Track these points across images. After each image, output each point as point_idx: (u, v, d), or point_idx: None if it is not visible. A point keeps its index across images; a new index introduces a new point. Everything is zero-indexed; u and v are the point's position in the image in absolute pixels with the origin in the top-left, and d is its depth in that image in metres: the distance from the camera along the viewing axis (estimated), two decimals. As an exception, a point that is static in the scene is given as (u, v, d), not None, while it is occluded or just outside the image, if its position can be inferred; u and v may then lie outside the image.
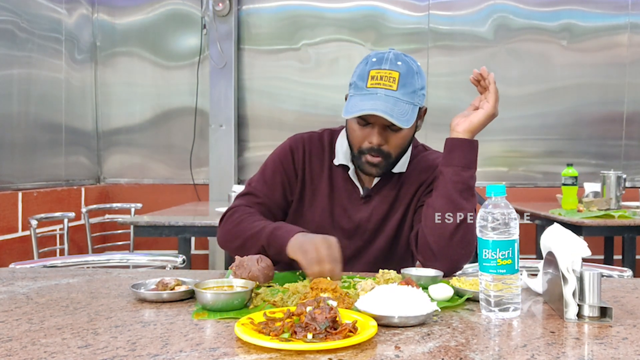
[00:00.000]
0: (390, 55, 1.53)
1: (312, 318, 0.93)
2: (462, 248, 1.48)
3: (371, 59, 1.53)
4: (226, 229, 1.61)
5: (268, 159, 1.73)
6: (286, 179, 1.67)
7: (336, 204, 1.65)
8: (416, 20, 4.74)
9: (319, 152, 1.69)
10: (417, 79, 1.52)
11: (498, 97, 1.50)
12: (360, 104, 1.48)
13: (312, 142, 1.70)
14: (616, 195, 3.55)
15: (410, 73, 1.51)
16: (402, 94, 1.48)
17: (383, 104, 1.46)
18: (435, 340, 0.94)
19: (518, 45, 4.72)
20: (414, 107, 1.50)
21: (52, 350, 0.89)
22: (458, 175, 1.48)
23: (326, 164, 1.68)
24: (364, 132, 1.54)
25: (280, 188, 1.66)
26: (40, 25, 4.11)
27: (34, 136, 4.03)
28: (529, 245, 4.09)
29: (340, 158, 1.66)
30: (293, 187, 1.68)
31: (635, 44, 4.68)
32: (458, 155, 1.49)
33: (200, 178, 4.84)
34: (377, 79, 1.49)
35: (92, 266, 1.92)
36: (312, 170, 1.68)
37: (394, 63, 1.50)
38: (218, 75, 4.67)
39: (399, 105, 1.47)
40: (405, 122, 1.47)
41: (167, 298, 1.20)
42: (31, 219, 3.33)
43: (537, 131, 4.74)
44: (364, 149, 1.55)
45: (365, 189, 1.65)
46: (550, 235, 1.18)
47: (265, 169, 1.71)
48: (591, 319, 1.06)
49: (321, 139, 1.71)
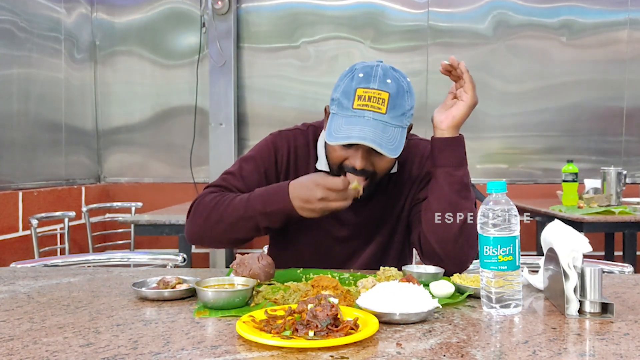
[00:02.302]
0: (379, 70, 1.41)
1: (314, 315, 0.93)
2: (468, 247, 1.43)
3: (357, 74, 1.41)
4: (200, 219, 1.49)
5: (248, 155, 1.62)
6: (264, 179, 1.56)
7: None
8: (415, 17, 4.73)
9: (304, 153, 1.60)
10: (407, 99, 1.42)
11: (474, 85, 1.43)
12: (346, 129, 1.37)
13: (297, 142, 1.61)
14: (616, 192, 3.55)
15: (400, 93, 1.40)
16: (391, 117, 1.38)
17: (372, 131, 1.35)
18: (436, 337, 0.94)
19: (517, 42, 4.72)
20: (402, 131, 1.41)
21: (53, 349, 0.89)
22: (452, 176, 1.43)
23: (312, 166, 1.59)
24: (346, 153, 1.44)
25: (256, 187, 1.50)
26: (40, 24, 4.10)
27: (34, 136, 4.03)
28: (530, 242, 4.09)
29: (321, 164, 1.57)
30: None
31: (634, 40, 4.67)
32: (448, 155, 1.44)
33: (201, 177, 4.84)
34: (364, 99, 1.38)
35: (93, 265, 1.92)
36: (297, 172, 1.57)
37: (383, 81, 1.39)
38: (218, 73, 4.66)
39: (388, 131, 1.37)
40: (394, 151, 1.38)
41: (168, 296, 1.20)
42: (32, 219, 3.34)
43: (537, 128, 4.74)
44: (346, 168, 1.45)
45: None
46: (551, 231, 1.18)
47: (243, 164, 1.59)
48: (592, 314, 1.06)
49: (306, 138, 1.62)
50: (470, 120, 1.45)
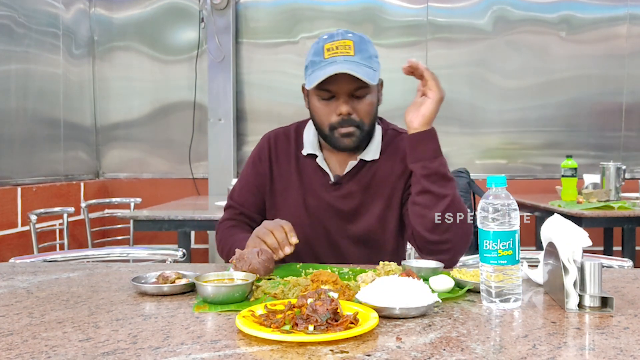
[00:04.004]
0: (340, 30, 1.58)
1: (313, 310, 0.93)
2: (458, 229, 1.49)
3: (322, 38, 1.57)
4: (217, 245, 1.73)
5: (244, 165, 1.79)
6: (260, 181, 1.72)
7: (308, 192, 1.66)
8: (415, 12, 4.72)
9: (285, 145, 1.72)
10: (371, 47, 1.56)
11: (437, 80, 1.49)
12: (323, 72, 1.49)
13: (278, 138, 1.74)
14: (616, 187, 3.56)
15: (363, 41, 1.55)
16: (360, 59, 1.51)
17: (346, 67, 1.48)
18: (436, 331, 0.94)
19: (517, 37, 4.71)
20: (374, 73, 1.53)
21: (53, 343, 0.89)
22: (427, 169, 1.50)
23: (293, 156, 1.70)
24: (330, 107, 1.56)
25: (256, 191, 1.72)
26: (38, 20, 4.09)
27: (33, 131, 4.03)
28: (529, 237, 4.09)
29: (308, 148, 1.68)
30: (266, 187, 1.71)
31: (634, 35, 4.67)
32: (422, 149, 1.50)
33: (200, 172, 4.84)
34: (333, 49, 1.52)
35: (92, 260, 1.91)
36: (280, 165, 1.71)
37: (345, 34, 1.55)
38: (216, 69, 4.66)
39: (360, 67, 1.50)
40: (372, 79, 1.50)
41: (167, 291, 1.19)
42: (30, 214, 3.33)
43: (536, 123, 4.73)
44: (335, 123, 1.56)
45: (336, 176, 1.66)
46: (551, 225, 1.18)
47: (241, 175, 1.78)
48: (592, 309, 1.06)
49: (287, 133, 1.74)
50: (469, 116, 1.46)
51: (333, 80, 1.50)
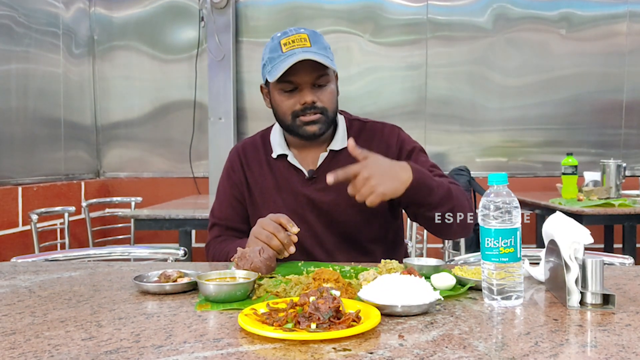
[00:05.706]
0: (292, 27, 1.62)
1: (316, 308, 0.93)
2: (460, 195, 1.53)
3: (276, 36, 1.61)
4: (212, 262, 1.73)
5: (219, 181, 1.82)
6: (238, 190, 1.74)
7: (286, 192, 1.67)
8: (415, 10, 4.72)
9: (254, 154, 1.75)
10: (324, 40, 1.60)
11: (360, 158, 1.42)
12: (284, 64, 1.52)
13: (246, 147, 1.78)
14: (616, 184, 3.56)
15: (316, 35, 1.59)
16: (317, 49, 1.55)
17: (306, 55, 1.52)
18: (438, 329, 0.94)
19: (517, 35, 4.71)
20: (331, 62, 1.57)
21: (55, 342, 0.89)
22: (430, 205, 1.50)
23: (264, 162, 1.72)
24: (294, 98, 1.59)
25: (236, 203, 1.74)
26: (38, 19, 4.09)
27: (33, 131, 4.03)
28: (530, 236, 4.10)
29: (277, 149, 1.70)
30: (245, 196, 1.73)
31: (634, 32, 4.66)
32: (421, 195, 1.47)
33: (200, 171, 4.84)
34: (289, 43, 1.55)
35: (94, 259, 1.92)
36: (253, 172, 1.73)
37: (298, 30, 1.59)
38: (216, 67, 4.65)
39: (319, 56, 1.53)
40: (332, 65, 1.56)
41: (169, 290, 1.20)
42: (31, 214, 3.34)
43: (537, 121, 4.73)
44: (298, 111, 1.59)
45: (310, 171, 1.67)
46: (553, 223, 1.18)
47: (218, 192, 1.80)
48: (594, 306, 1.06)
49: (254, 141, 1.78)
50: (470, 114, 1.47)
51: (295, 72, 1.53)
